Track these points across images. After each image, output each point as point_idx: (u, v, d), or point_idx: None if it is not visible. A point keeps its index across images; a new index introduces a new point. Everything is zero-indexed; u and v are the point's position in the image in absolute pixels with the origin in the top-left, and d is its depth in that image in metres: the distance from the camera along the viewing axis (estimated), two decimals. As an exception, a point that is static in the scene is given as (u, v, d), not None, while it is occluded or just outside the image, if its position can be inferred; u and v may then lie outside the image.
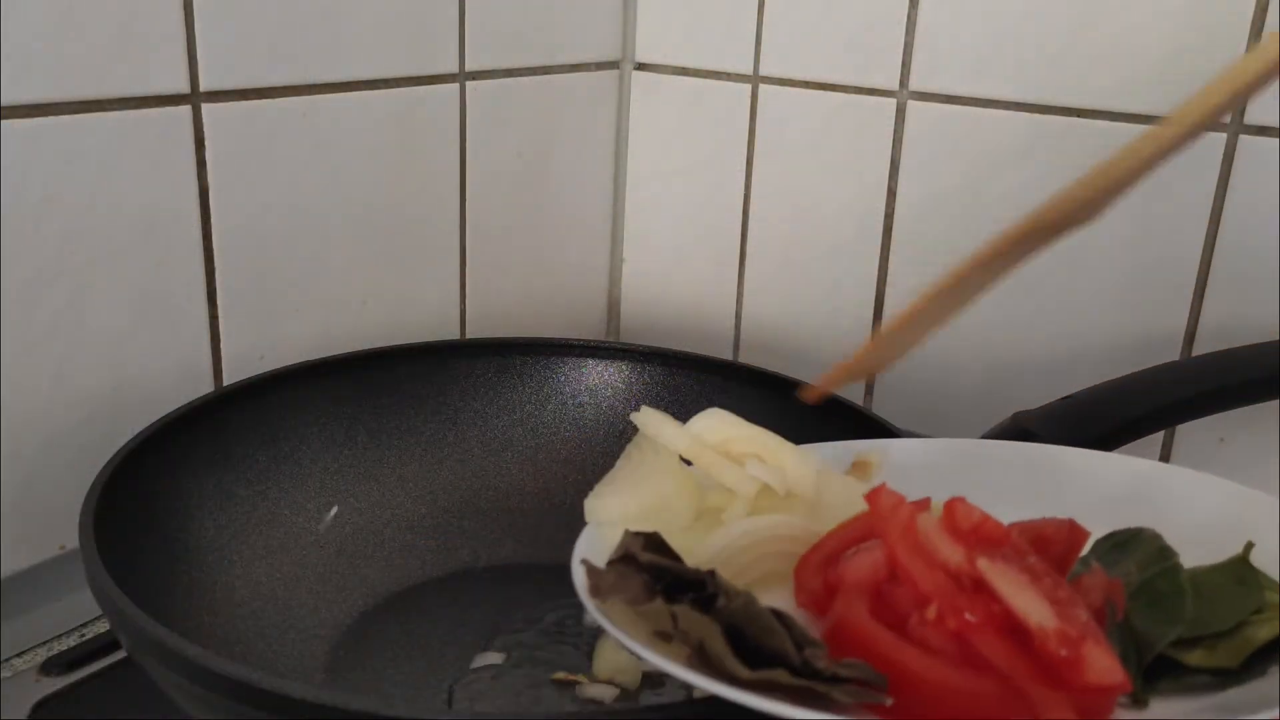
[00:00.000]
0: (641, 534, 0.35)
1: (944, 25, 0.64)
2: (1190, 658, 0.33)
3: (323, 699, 0.33)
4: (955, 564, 0.32)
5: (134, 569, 0.42)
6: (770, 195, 0.74)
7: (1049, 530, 0.36)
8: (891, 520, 0.34)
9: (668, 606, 0.32)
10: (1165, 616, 0.34)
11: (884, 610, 0.33)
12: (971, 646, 0.31)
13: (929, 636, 0.31)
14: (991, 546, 0.33)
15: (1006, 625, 0.31)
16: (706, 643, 0.31)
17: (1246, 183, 0.57)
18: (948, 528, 0.34)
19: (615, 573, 0.34)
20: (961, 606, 0.31)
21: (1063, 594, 0.31)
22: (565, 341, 0.63)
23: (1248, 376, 0.51)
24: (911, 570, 0.33)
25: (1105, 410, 0.50)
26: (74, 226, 0.50)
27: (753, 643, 0.31)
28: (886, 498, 0.35)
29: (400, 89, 0.63)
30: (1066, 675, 0.29)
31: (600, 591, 0.33)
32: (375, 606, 0.53)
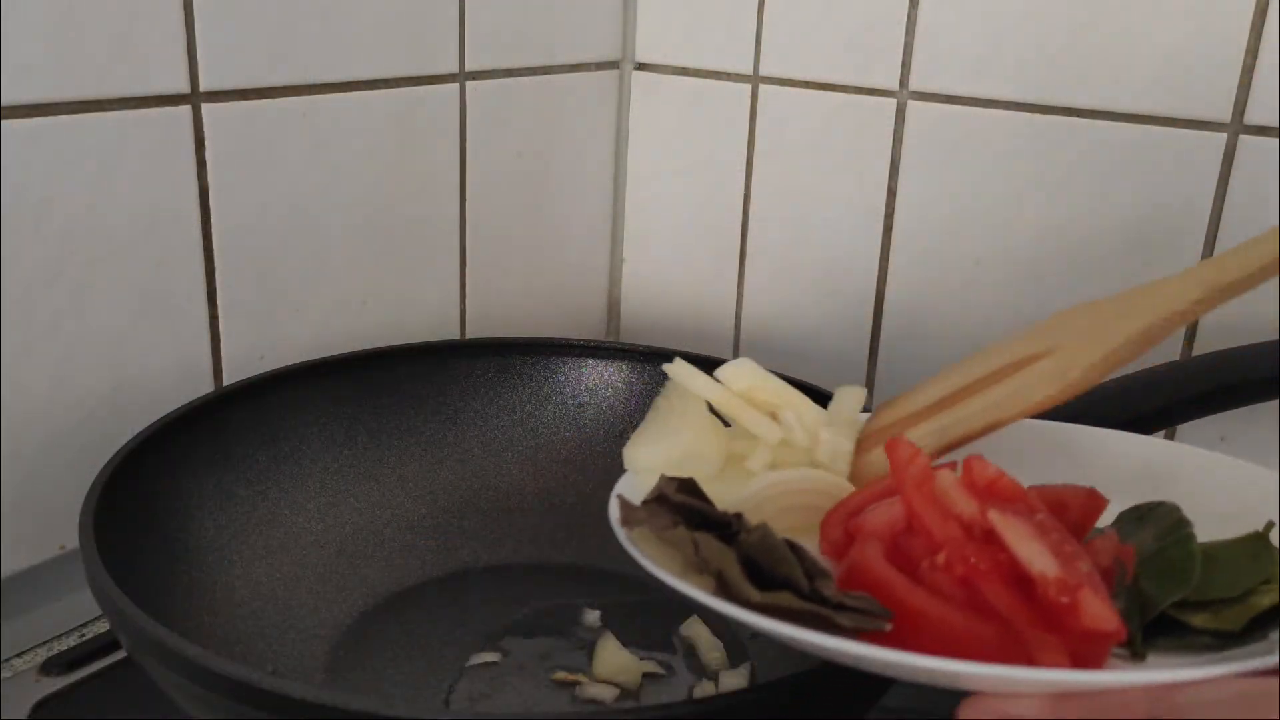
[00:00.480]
0: (676, 478, 0.37)
1: (944, 25, 0.64)
2: (1194, 619, 0.34)
3: (323, 699, 0.33)
4: (968, 515, 0.34)
5: (134, 569, 0.42)
6: (770, 195, 0.74)
7: (1067, 495, 0.38)
8: (907, 469, 0.36)
9: (690, 533, 0.34)
10: (1172, 580, 0.35)
11: (899, 557, 0.35)
12: (977, 591, 0.32)
13: (938, 581, 0.33)
14: (1004, 501, 0.34)
15: (1012, 574, 0.32)
16: (724, 570, 0.33)
17: (1246, 183, 0.57)
18: (965, 483, 0.35)
19: (646, 509, 0.36)
20: (970, 553, 0.32)
21: (1068, 548, 0.32)
22: (565, 341, 0.63)
23: (1248, 376, 0.51)
24: (925, 518, 0.34)
25: (1105, 410, 0.50)
26: (74, 226, 0.50)
27: (768, 571, 0.33)
28: (904, 448, 0.37)
29: (400, 89, 0.63)
30: (1063, 620, 0.31)
31: (630, 522, 0.35)
32: (375, 606, 0.53)
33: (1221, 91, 0.57)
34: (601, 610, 0.53)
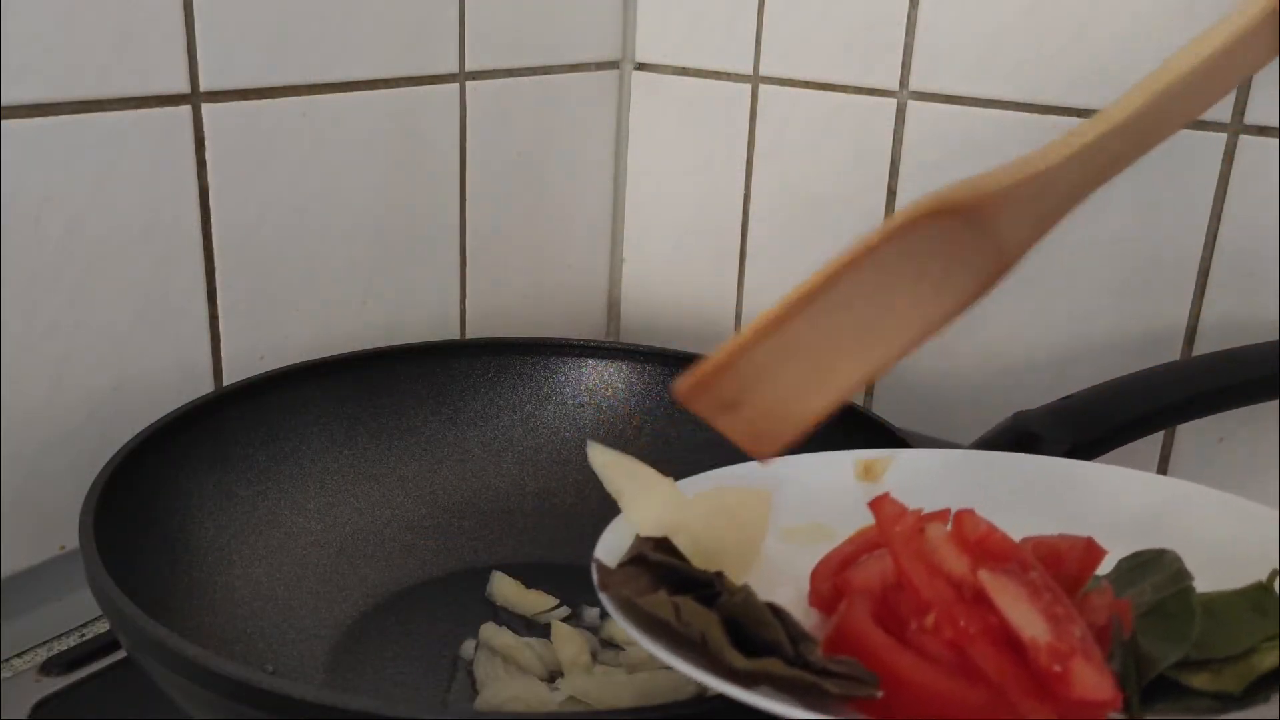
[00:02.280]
0: (652, 538, 0.36)
1: (944, 25, 0.64)
2: (1194, 680, 0.33)
3: (323, 699, 0.33)
4: (958, 574, 0.33)
5: (134, 569, 0.42)
6: (770, 195, 0.74)
7: (1063, 546, 0.36)
8: (893, 528, 0.35)
9: (670, 598, 0.33)
10: (1171, 637, 0.34)
11: (888, 615, 0.33)
12: (967, 656, 0.31)
13: (926, 643, 0.32)
14: (996, 559, 0.33)
15: (1003, 637, 0.31)
16: (707, 634, 0.32)
17: (1246, 183, 0.57)
18: (955, 538, 0.34)
19: (624, 572, 0.35)
20: (959, 616, 0.32)
21: (1060, 610, 0.32)
22: (565, 341, 0.63)
23: (1248, 376, 0.50)
24: (913, 577, 0.33)
25: (1105, 410, 0.50)
26: (74, 226, 0.50)
27: (751, 635, 0.32)
28: (889, 506, 0.36)
29: (400, 89, 0.63)
30: (1055, 688, 0.30)
31: (608, 586, 0.34)
32: (375, 606, 0.53)
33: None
34: (599, 610, 0.53)
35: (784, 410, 0.38)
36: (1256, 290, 0.58)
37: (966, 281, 0.37)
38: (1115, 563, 0.38)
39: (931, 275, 0.37)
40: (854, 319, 0.37)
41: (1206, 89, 0.36)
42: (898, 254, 0.36)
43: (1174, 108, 0.36)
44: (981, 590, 0.32)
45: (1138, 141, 0.37)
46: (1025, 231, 0.37)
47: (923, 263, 0.37)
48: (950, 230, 0.36)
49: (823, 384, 0.37)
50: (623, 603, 0.34)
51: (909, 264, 0.36)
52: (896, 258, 0.36)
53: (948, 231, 0.36)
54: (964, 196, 0.36)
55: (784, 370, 0.37)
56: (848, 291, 0.37)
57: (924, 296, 0.38)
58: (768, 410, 0.38)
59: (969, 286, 0.37)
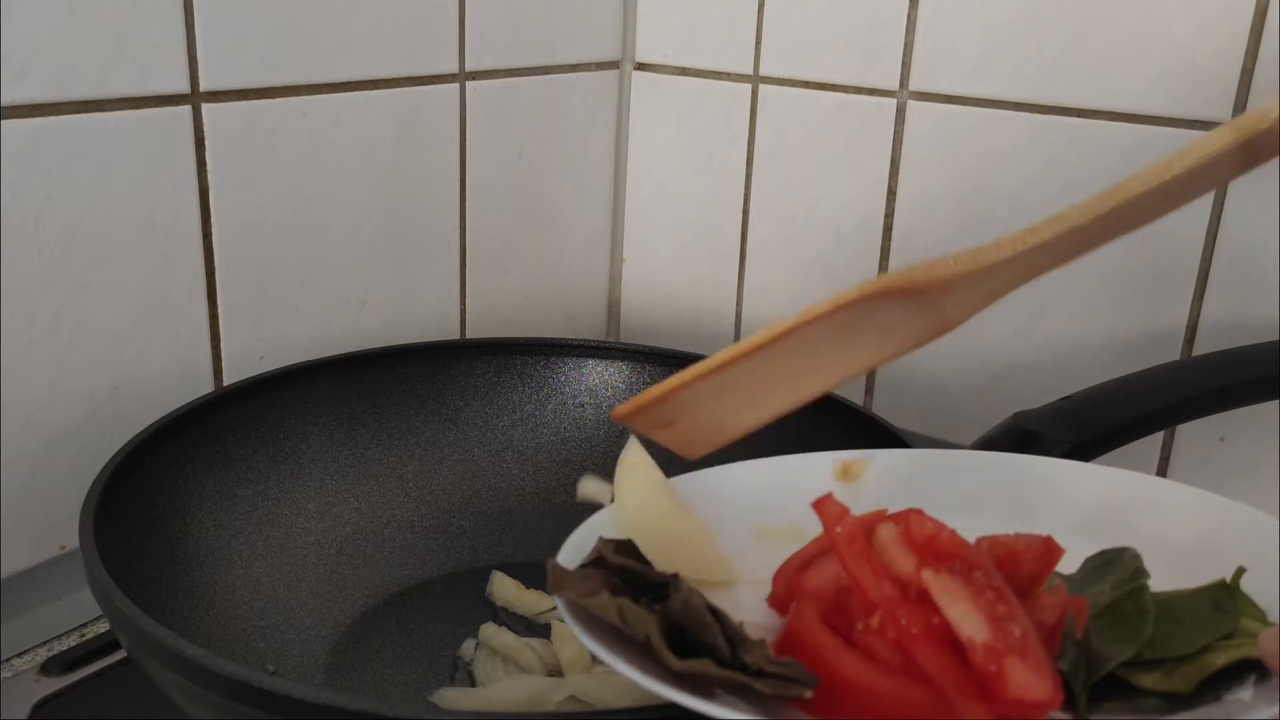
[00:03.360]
0: (614, 540, 0.36)
1: (944, 25, 0.64)
2: (1144, 680, 0.33)
3: (322, 699, 0.33)
4: (905, 574, 0.33)
5: (134, 569, 0.42)
6: (770, 195, 0.74)
7: (1020, 546, 0.36)
8: (837, 530, 0.35)
9: (614, 600, 0.33)
10: (1124, 636, 0.33)
11: (839, 617, 0.34)
12: (910, 656, 0.31)
13: (872, 643, 0.32)
14: (943, 559, 0.33)
15: (946, 637, 0.31)
16: (649, 636, 0.32)
17: (1246, 183, 0.57)
18: (904, 538, 0.34)
19: (578, 574, 0.35)
20: (903, 616, 0.32)
21: (1002, 609, 0.31)
22: (565, 341, 0.63)
23: (1248, 376, 0.50)
24: (859, 579, 0.33)
25: (1105, 410, 0.50)
26: (74, 226, 0.50)
27: (691, 637, 0.32)
28: (830, 507, 0.35)
29: (400, 89, 0.63)
30: (992, 688, 0.30)
31: (560, 588, 0.34)
32: (375, 606, 0.53)
33: (1221, 91, 0.57)
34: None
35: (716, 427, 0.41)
36: (1256, 290, 0.58)
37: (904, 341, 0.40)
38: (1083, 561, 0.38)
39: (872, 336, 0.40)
40: (791, 366, 0.40)
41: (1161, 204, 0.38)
42: (843, 322, 0.40)
43: (1128, 217, 0.38)
44: (925, 590, 0.32)
45: (1090, 242, 0.39)
46: (969, 307, 0.40)
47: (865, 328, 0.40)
48: (897, 307, 0.39)
49: (754, 409, 0.40)
50: (573, 605, 0.34)
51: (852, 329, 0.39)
52: (841, 324, 0.40)
53: (894, 307, 0.39)
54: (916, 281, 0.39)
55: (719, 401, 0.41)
56: (789, 347, 0.40)
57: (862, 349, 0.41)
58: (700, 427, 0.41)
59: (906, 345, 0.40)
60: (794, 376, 0.40)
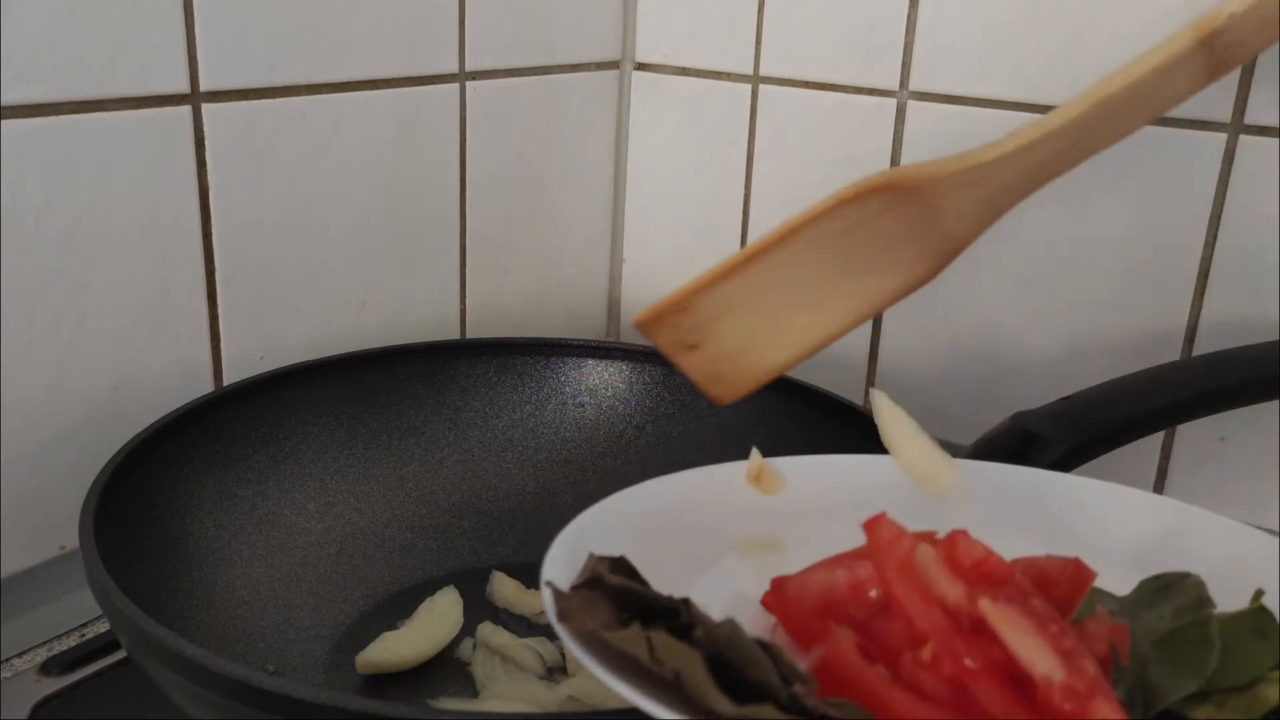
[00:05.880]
0: (608, 557, 0.32)
1: (944, 25, 0.64)
2: (1197, 712, 0.31)
3: (322, 699, 0.33)
4: (954, 602, 0.30)
5: (134, 569, 0.42)
6: (770, 195, 0.74)
7: (1053, 569, 0.34)
8: (890, 552, 0.32)
9: (643, 632, 0.29)
10: (1186, 669, 0.32)
11: (875, 646, 0.31)
12: (968, 693, 0.29)
13: (923, 679, 0.29)
14: (994, 586, 0.31)
15: (1006, 672, 0.29)
16: (685, 673, 0.28)
17: (1246, 183, 0.57)
18: (947, 562, 0.32)
19: (581, 597, 0.31)
20: (960, 650, 0.29)
21: (1069, 642, 0.29)
22: (565, 341, 0.63)
23: (1248, 376, 0.50)
24: (909, 608, 0.31)
25: (1105, 410, 0.50)
26: (74, 227, 0.50)
27: (736, 674, 0.29)
28: (886, 528, 0.33)
29: (400, 89, 0.63)
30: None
31: (568, 616, 0.31)
32: (375, 606, 0.53)
33: (1221, 91, 0.57)
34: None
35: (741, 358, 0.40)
36: (1256, 290, 0.58)
37: (914, 258, 0.40)
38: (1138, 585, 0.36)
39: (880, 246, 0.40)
40: (805, 277, 0.40)
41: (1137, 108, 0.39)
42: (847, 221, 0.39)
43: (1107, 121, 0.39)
44: (981, 621, 0.29)
45: (1071, 147, 0.39)
46: (968, 217, 0.40)
47: (871, 232, 0.40)
48: (894, 204, 0.39)
49: (778, 338, 0.40)
50: (586, 637, 0.30)
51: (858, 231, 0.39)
52: (846, 224, 0.39)
53: (892, 205, 0.39)
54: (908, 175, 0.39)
55: (739, 316, 0.40)
56: (799, 250, 0.39)
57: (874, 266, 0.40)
58: (725, 355, 0.40)
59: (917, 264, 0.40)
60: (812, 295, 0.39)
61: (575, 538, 0.36)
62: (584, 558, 0.33)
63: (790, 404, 0.57)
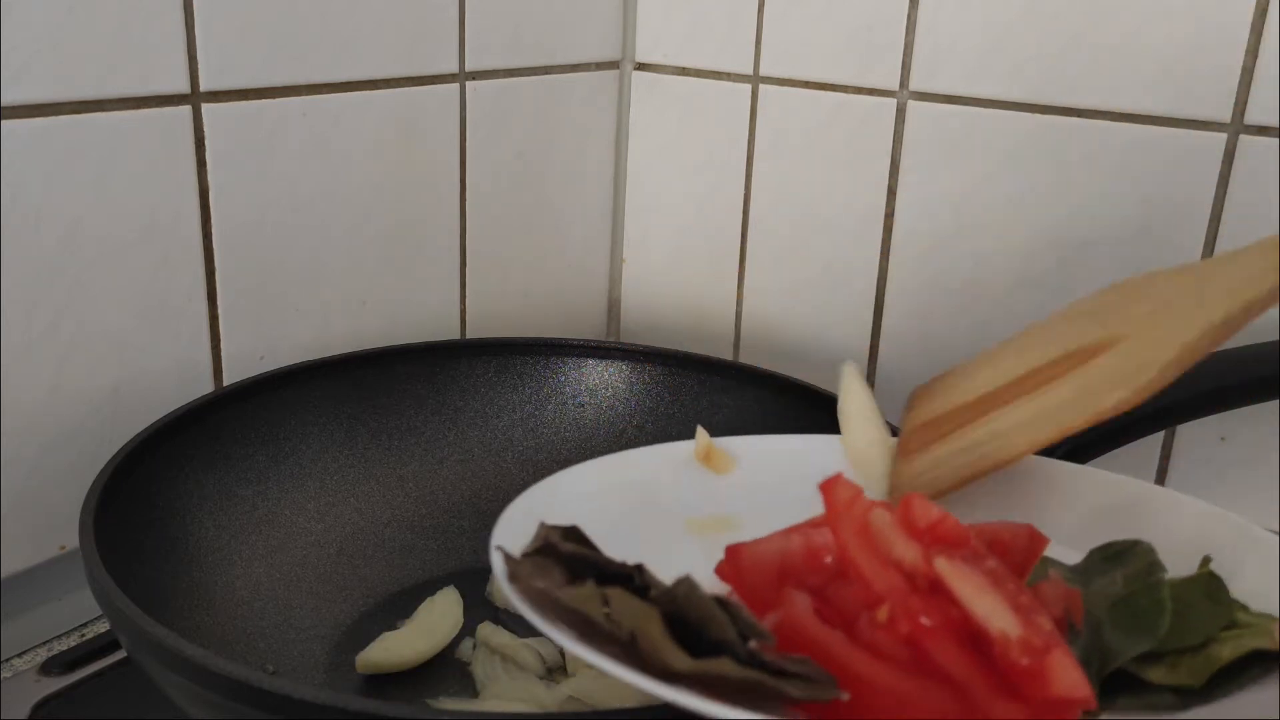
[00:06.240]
0: (559, 526, 0.32)
1: (944, 25, 0.64)
2: (1152, 673, 0.31)
3: (322, 699, 0.33)
4: (910, 563, 0.30)
5: (134, 569, 0.42)
6: (770, 195, 0.74)
7: (1006, 535, 0.34)
8: (846, 513, 0.32)
9: (599, 590, 0.29)
10: (1138, 630, 0.32)
11: (831, 611, 0.31)
12: (925, 652, 0.29)
13: (880, 640, 0.29)
14: (950, 547, 0.31)
15: (963, 631, 0.29)
16: (641, 630, 0.28)
17: (1246, 183, 0.57)
18: (903, 525, 0.32)
19: (533, 562, 0.31)
20: (916, 609, 0.29)
21: (1025, 600, 0.29)
22: (565, 341, 0.63)
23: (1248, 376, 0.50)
24: (864, 568, 0.31)
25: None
26: (74, 227, 0.50)
27: (694, 632, 0.28)
28: (843, 489, 0.33)
29: (400, 89, 0.63)
30: (1027, 686, 0.28)
31: (520, 578, 0.30)
32: (375, 606, 0.53)
33: (1221, 91, 0.57)
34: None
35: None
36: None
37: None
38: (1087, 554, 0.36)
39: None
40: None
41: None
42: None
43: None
44: (938, 580, 0.29)
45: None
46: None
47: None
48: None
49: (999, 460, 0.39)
50: (537, 596, 0.30)
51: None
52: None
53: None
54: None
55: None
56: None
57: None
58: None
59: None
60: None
61: (526, 509, 0.36)
62: (535, 527, 0.32)
63: (790, 404, 0.57)
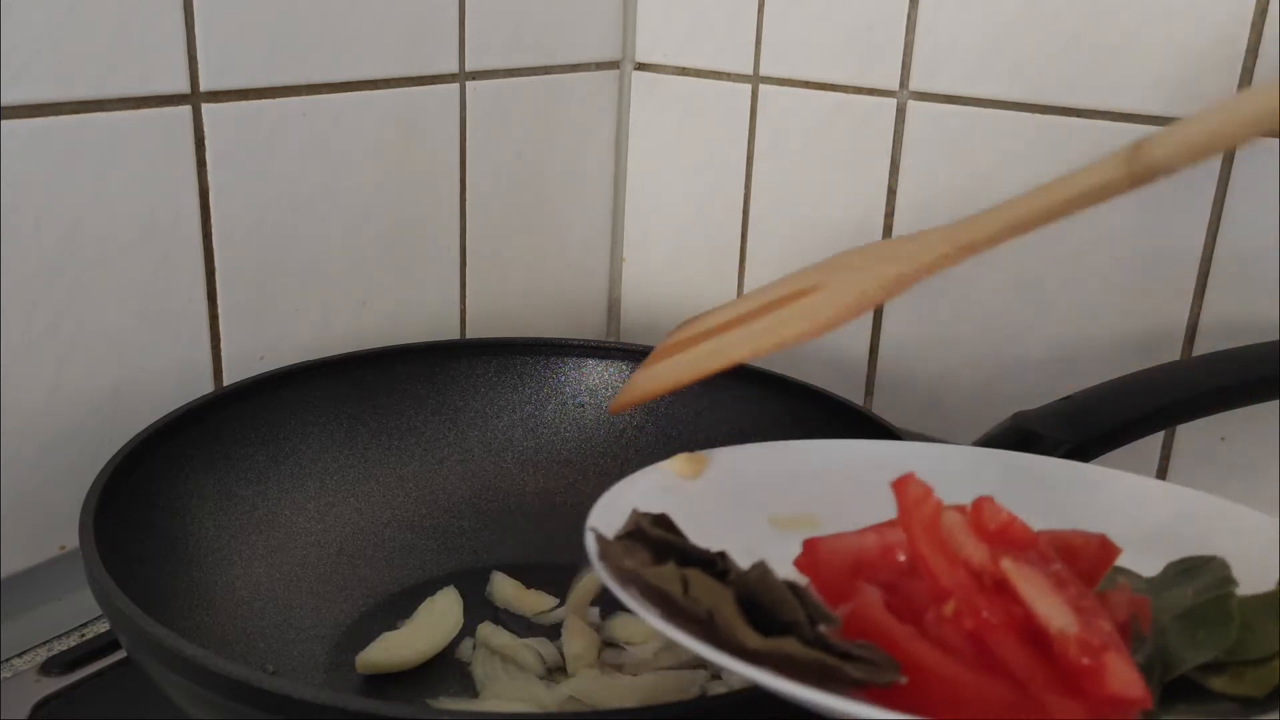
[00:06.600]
0: (649, 513, 0.35)
1: (944, 25, 0.64)
2: (1214, 682, 0.32)
3: (322, 699, 0.33)
4: (978, 562, 0.32)
5: (134, 569, 0.42)
6: (770, 195, 0.74)
7: (1078, 542, 0.35)
8: (916, 511, 0.33)
9: (679, 571, 0.31)
10: (1204, 640, 0.32)
11: (901, 605, 0.32)
12: (987, 647, 0.30)
13: (944, 633, 0.30)
14: (1017, 549, 0.32)
15: (1025, 629, 0.30)
16: (717, 610, 0.30)
17: (1246, 183, 0.57)
18: (973, 526, 0.33)
19: (622, 543, 0.33)
20: (980, 605, 0.30)
21: (1087, 603, 0.30)
22: (565, 341, 0.63)
23: (1248, 376, 0.50)
24: (932, 564, 0.32)
25: (1105, 410, 0.50)
26: (74, 227, 0.50)
27: (766, 614, 0.30)
28: (914, 487, 0.34)
29: (400, 89, 0.63)
30: (1085, 684, 0.28)
31: (610, 557, 0.33)
32: (375, 606, 0.53)
33: (1220, 91, 0.57)
34: (600, 609, 0.53)
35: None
36: (1256, 290, 0.58)
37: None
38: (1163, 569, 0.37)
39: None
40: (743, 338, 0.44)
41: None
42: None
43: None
44: (1003, 580, 0.31)
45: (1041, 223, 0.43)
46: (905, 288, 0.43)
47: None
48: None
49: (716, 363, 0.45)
50: (624, 575, 0.32)
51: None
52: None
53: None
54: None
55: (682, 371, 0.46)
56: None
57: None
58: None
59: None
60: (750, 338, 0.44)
61: (620, 495, 0.38)
62: (627, 513, 0.35)
63: (791, 404, 0.57)
